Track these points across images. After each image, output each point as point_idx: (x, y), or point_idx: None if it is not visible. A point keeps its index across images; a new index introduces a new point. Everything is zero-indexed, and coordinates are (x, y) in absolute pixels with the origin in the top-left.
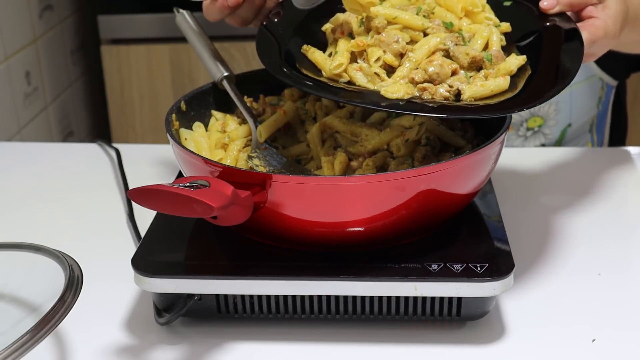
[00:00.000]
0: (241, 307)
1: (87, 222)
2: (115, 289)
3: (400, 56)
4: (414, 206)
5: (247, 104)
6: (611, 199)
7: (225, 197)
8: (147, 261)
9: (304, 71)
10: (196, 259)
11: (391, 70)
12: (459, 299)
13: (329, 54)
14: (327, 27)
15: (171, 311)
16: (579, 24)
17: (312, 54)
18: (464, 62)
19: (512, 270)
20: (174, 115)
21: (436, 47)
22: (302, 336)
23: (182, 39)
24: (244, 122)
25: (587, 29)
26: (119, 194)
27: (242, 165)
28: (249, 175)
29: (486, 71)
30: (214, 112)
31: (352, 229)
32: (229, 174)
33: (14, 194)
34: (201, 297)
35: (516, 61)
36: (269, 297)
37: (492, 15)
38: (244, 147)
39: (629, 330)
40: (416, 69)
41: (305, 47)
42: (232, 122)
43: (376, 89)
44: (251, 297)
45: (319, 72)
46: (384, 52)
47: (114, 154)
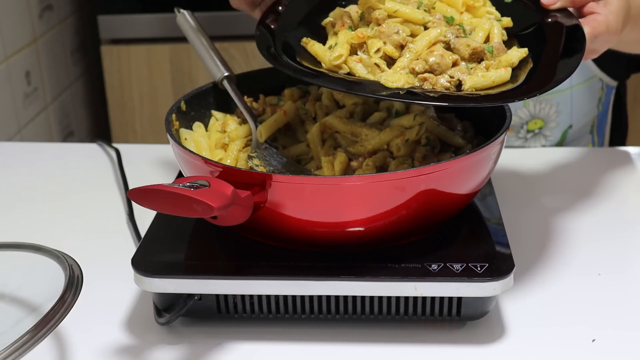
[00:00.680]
0: (241, 307)
1: (87, 222)
2: (115, 289)
3: (400, 48)
4: (414, 206)
5: (247, 104)
6: (611, 199)
7: (225, 197)
8: (147, 261)
9: (304, 63)
10: (196, 259)
11: (391, 62)
12: (459, 299)
13: (329, 47)
14: (327, 21)
15: (171, 311)
16: (581, 20)
17: (312, 46)
18: (465, 54)
19: (512, 270)
20: (174, 115)
21: (437, 38)
22: (302, 336)
23: (182, 39)
24: (244, 122)
25: (589, 24)
26: (119, 194)
27: (242, 165)
28: (249, 175)
29: (487, 62)
30: (214, 112)
31: (352, 229)
32: (229, 174)
33: (14, 194)
34: (201, 297)
35: (518, 53)
36: (269, 297)
37: (493, 9)
38: (244, 147)
39: (629, 330)
40: (416, 60)
41: (305, 39)
42: (232, 122)
43: (376, 79)
44: (251, 297)
45: (319, 65)
46: (384, 43)
47: (114, 154)
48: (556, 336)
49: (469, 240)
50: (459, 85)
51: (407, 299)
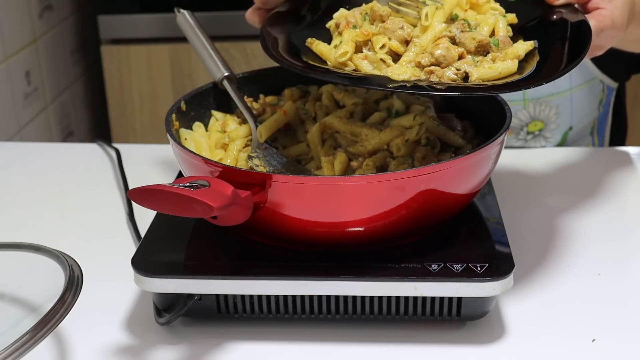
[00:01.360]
0: (241, 307)
1: (87, 222)
2: (115, 289)
3: (405, 43)
4: (414, 206)
5: (247, 104)
6: (611, 199)
7: (225, 197)
8: (147, 261)
9: (309, 62)
10: (196, 259)
11: (396, 58)
12: (459, 299)
13: (334, 47)
14: (331, 24)
15: (171, 311)
16: (586, 15)
17: (317, 46)
18: (471, 47)
19: (512, 270)
20: (174, 115)
21: (442, 32)
22: (302, 336)
23: (182, 39)
24: (244, 122)
25: (595, 18)
26: (119, 194)
27: (242, 165)
28: (249, 175)
29: (493, 54)
30: (214, 112)
31: (352, 229)
32: (229, 174)
33: (14, 194)
34: (201, 297)
35: (524, 46)
36: (269, 297)
37: (497, 5)
38: (244, 147)
39: (629, 330)
40: (422, 54)
41: (310, 40)
42: (232, 122)
43: (382, 74)
44: (251, 297)
45: (324, 64)
46: (389, 39)
47: (114, 154)
48: (556, 336)
49: (469, 240)
50: (466, 77)
51: (407, 299)
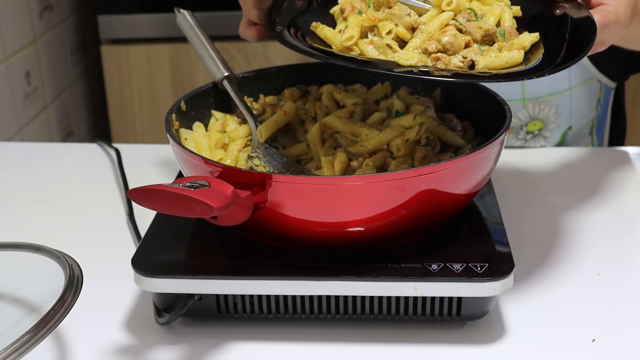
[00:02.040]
0: (241, 307)
1: (87, 222)
2: (115, 289)
3: (412, 30)
4: (414, 206)
5: (248, 104)
6: (611, 199)
7: (225, 197)
8: (147, 261)
9: (314, 44)
10: (196, 259)
11: (402, 44)
12: (459, 299)
13: (339, 31)
14: (336, 9)
15: (171, 311)
16: (590, 10)
17: (322, 30)
18: (477, 36)
19: (512, 270)
20: (174, 115)
21: (448, 20)
22: (302, 336)
23: (182, 39)
24: (244, 122)
25: (599, 13)
26: (119, 194)
27: (242, 165)
28: (249, 175)
29: (500, 44)
30: (214, 112)
31: (352, 229)
32: (229, 174)
33: (14, 194)
34: (201, 297)
35: (530, 37)
36: (269, 297)
37: None
38: (244, 147)
39: (628, 330)
40: (429, 40)
41: (314, 23)
42: (232, 122)
43: (389, 59)
44: (251, 297)
45: (329, 48)
46: (396, 25)
47: (114, 154)
48: (556, 336)
49: (469, 240)
50: (472, 66)
51: (407, 299)
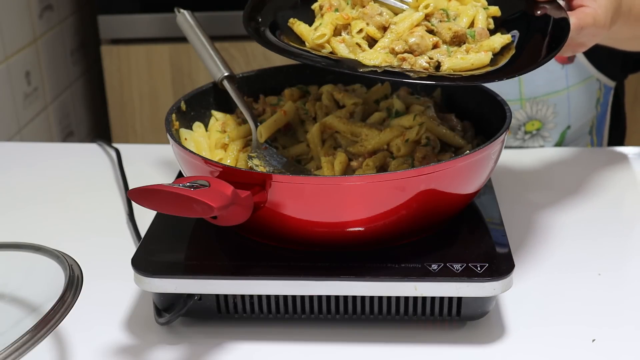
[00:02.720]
0: (241, 307)
1: (87, 222)
2: (115, 289)
3: (383, 29)
4: (414, 206)
5: (248, 104)
6: (610, 198)
7: (225, 197)
8: (147, 261)
9: (289, 42)
10: (196, 259)
11: (374, 43)
12: (459, 299)
13: (315, 28)
14: (316, 5)
15: (171, 311)
16: (569, 12)
17: (298, 26)
18: (446, 37)
19: (512, 270)
20: (174, 115)
21: (419, 21)
22: (302, 336)
23: (182, 39)
24: (244, 122)
25: (576, 15)
26: (119, 194)
27: (242, 165)
28: (249, 175)
29: (468, 45)
30: (214, 112)
31: (352, 229)
32: (229, 174)
33: (14, 194)
34: (201, 297)
35: (500, 39)
36: (269, 297)
37: None
38: (244, 147)
39: (628, 329)
40: (397, 40)
41: (292, 20)
42: (232, 122)
43: (356, 58)
44: (251, 297)
45: (304, 45)
46: (367, 24)
47: (114, 154)
48: (556, 336)
49: (468, 240)
50: (438, 67)
51: (407, 299)
